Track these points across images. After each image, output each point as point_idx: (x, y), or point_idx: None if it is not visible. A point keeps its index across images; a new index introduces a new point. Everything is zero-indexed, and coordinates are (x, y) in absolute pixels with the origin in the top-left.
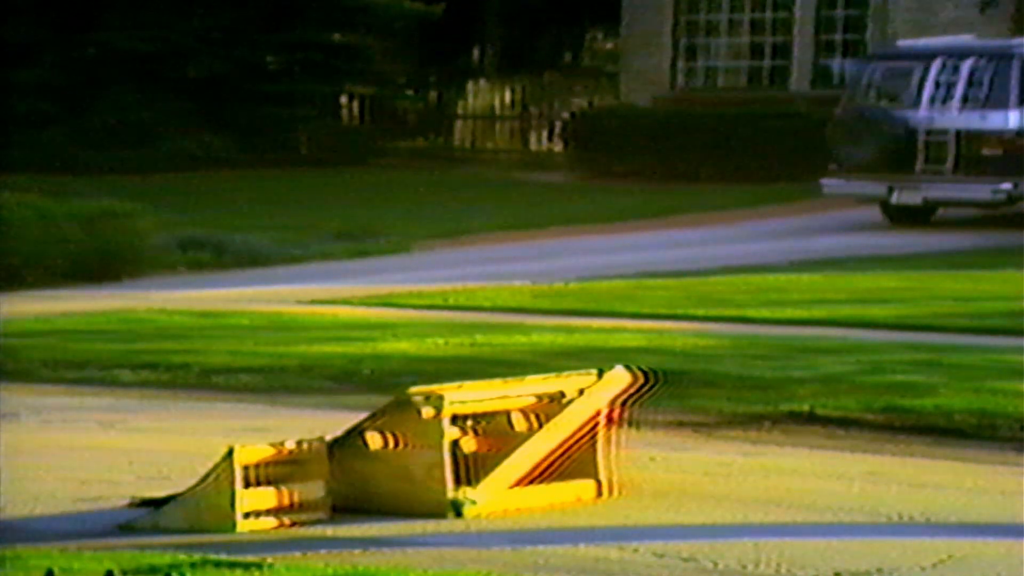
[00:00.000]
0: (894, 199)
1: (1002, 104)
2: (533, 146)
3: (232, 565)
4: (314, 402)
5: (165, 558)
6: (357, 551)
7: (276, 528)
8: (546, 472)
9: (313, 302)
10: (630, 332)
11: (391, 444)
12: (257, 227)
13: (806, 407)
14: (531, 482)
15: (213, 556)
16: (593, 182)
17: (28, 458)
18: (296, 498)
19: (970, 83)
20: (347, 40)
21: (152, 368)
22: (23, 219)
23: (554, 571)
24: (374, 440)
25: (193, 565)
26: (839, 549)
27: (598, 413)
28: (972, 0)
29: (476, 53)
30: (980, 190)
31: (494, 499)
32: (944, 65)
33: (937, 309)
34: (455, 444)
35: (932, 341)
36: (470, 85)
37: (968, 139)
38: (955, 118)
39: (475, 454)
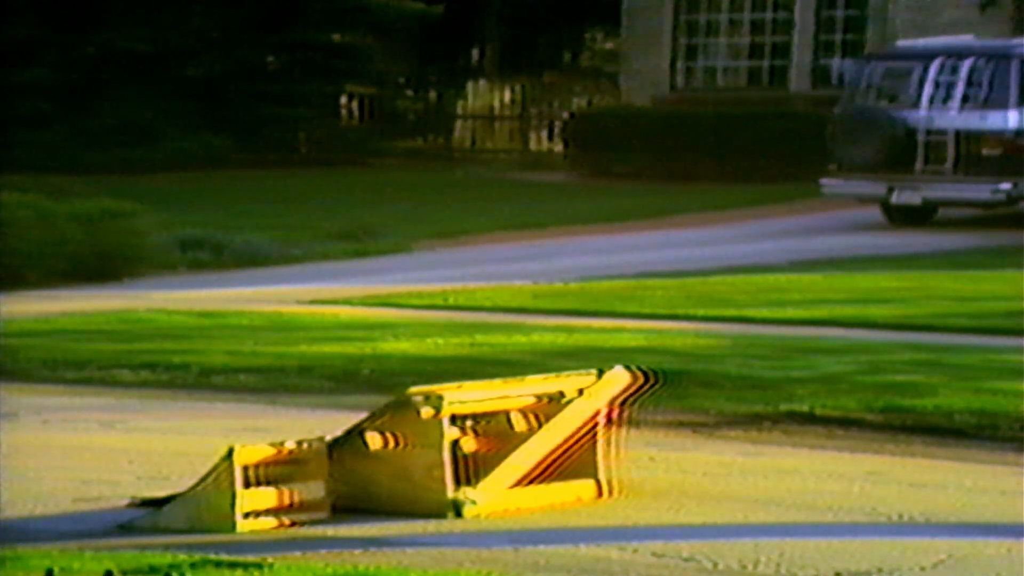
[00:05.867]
0: (894, 199)
1: (1002, 104)
2: (533, 146)
3: (232, 565)
4: (314, 402)
5: (165, 558)
6: (357, 551)
7: (276, 528)
8: (546, 472)
9: (313, 302)
10: (630, 332)
11: (391, 444)
12: (257, 227)
13: (806, 407)
14: (531, 482)
15: (213, 556)
16: (593, 182)
17: (28, 458)
18: (296, 498)
19: (970, 83)
20: (347, 40)
21: (152, 368)
22: (23, 219)
23: (554, 571)
24: (374, 440)
25: (193, 565)
26: (839, 549)
27: (598, 413)
28: (972, 0)
29: (476, 53)
30: (980, 190)
31: (494, 499)
32: (944, 65)
33: (937, 309)
34: (455, 444)
35: (932, 341)
36: (470, 85)
37: (968, 139)
38: (955, 118)
39: (475, 454)
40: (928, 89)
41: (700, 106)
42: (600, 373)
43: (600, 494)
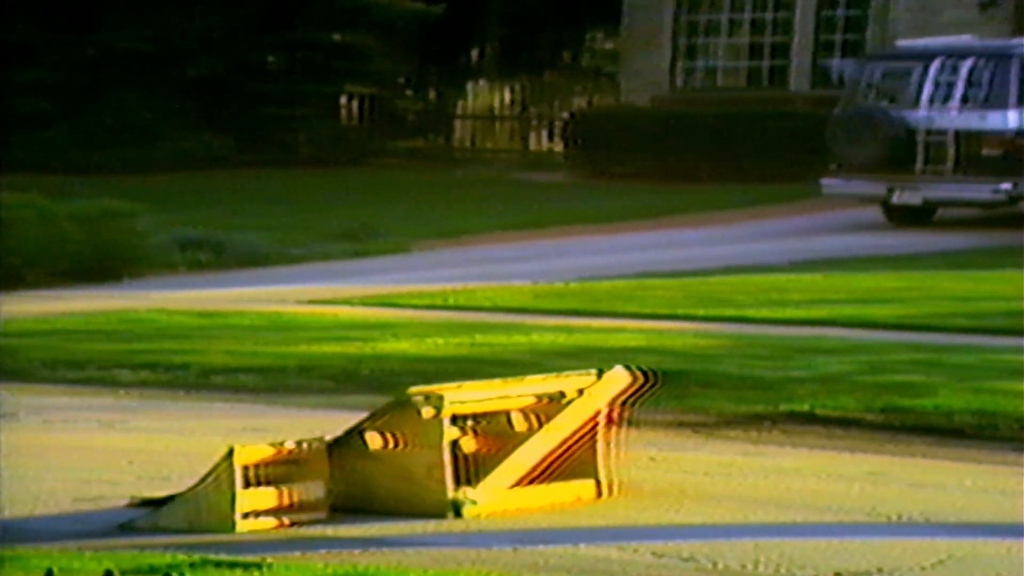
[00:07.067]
0: (894, 199)
1: (1001, 104)
2: (533, 146)
3: (232, 565)
4: (314, 402)
5: (165, 558)
6: (357, 551)
7: (276, 528)
8: (546, 472)
9: (313, 302)
10: (630, 332)
11: (391, 444)
12: (257, 227)
13: (806, 407)
14: (531, 482)
15: (213, 556)
16: (593, 182)
17: (28, 458)
18: (296, 498)
19: (969, 83)
20: (347, 40)
21: (152, 368)
22: (23, 219)
23: (554, 571)
24: (374, 440)
25: (193, 565)
26: (839, 549)
27: (598, 413)
28: (972, 0)
29: (476, 53)
30: (980, 190)
31: (494, 499)
32: (943, 65)
33: (937, 309)
34: (455, 444)
35: (932, 341)
36: (470, 85)
37: (968, 139)
38: (954, 118)
39: (475, 454)
40: (928, 89)
41: (700, 106)
42: (600, 373)
43: (600, 494)
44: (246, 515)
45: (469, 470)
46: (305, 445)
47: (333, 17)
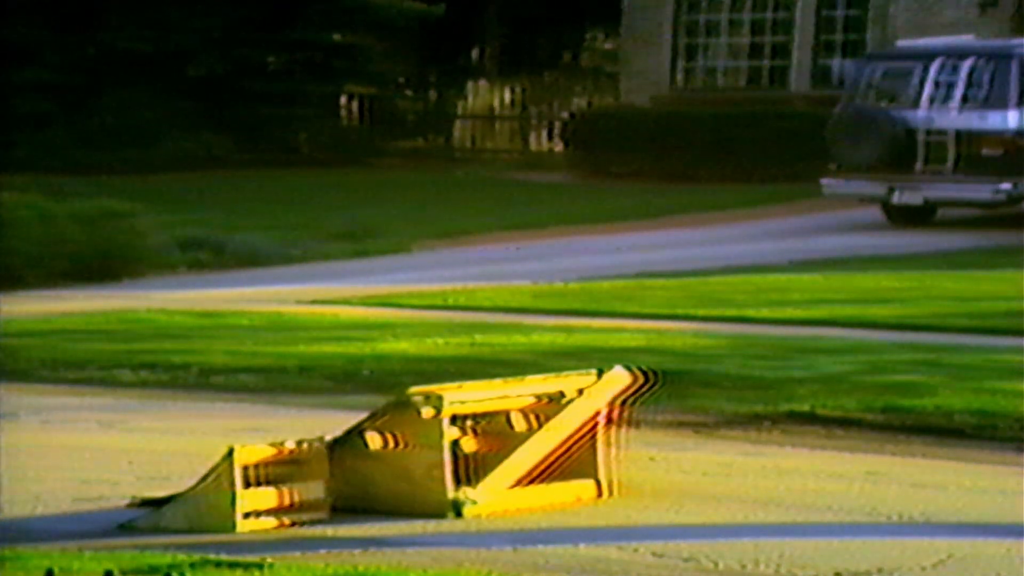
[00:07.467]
0: (894, 199)
1: (1002, 104)
2: (533, 146)
3: (232, 565)
4: (314, 402)
5: (165, 558)
6: (357, 551)
7: (276, 528)
8: (546, 472)
9: (313, 302)
10: (630, 332)
11: (391, 444)
12: (257, 227)
13: (806, 407)
14: (531, 482)
15: (213, 556)
16: (593, 182)
17: (28, 458)
18: (296, 498)
19: (970, 83)
20: (347, 40)
21: (152, 368)
22: (23, 219)
23: (554, 571)
24: (374, 440)
25: (193, 565)
26: (839, 549)
27: (598, 413)
28: (972, 0)
29: (476, 53)
30: (980, 190)
31: (494, 499)
32: (944, 65)
33: (937, 309)
34: (455, 444)
35: (932, 341)
36: (470, 85)
37: (968, 139)
38: (955, 118)
39: (475, 454)
40: (928, 89)
41: (700, 106)
42: (600, 373)
43: (600, 494)
44: (247, 515)
45: (469, 470)
46: (305, 445)
47: (333, 17)
